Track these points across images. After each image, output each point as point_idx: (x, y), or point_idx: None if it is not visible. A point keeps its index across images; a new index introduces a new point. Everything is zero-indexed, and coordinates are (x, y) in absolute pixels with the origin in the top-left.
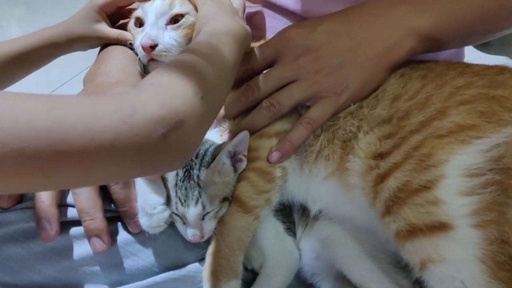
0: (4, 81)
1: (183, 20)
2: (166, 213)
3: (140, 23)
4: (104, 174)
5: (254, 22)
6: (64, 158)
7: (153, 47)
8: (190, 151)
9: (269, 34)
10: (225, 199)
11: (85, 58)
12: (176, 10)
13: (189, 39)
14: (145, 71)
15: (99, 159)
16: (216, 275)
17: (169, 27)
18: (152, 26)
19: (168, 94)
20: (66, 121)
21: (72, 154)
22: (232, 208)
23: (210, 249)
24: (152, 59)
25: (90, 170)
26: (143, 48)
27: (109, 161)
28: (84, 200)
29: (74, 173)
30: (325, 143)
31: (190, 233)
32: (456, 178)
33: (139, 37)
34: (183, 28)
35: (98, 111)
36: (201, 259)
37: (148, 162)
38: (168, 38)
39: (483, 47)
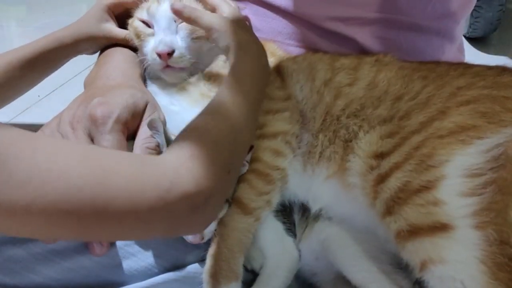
0: (20, 87)
1: None
2: None
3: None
4: (133, 235)
5: None
6: (103, 222)
7: (170, 54)
8: (213, 218)
9: (268, 34)
10: (225, 200)
11: (85, 58)
12: None
13: (196, 37)
14: (145, 73)
15: (133, 225)
16: (216, 277)
17: (179, 27)
18: (165, 31)
19: (204, 171)
20: (111, 192)
21: (110, 219)
22: (232, 210)
23: (210, 251)
24: (167, 66)
25: (122, 232)
26: (160, 55)
27: (141, 227)
28: None
29: (107, 234)
30: (327, 143)
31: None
32: (456, 178)
33: (150, 43)
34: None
35: (140, 185)
36: (201, 260)
37: (174, 229)
38: (181, 42)
39: (483, 46)
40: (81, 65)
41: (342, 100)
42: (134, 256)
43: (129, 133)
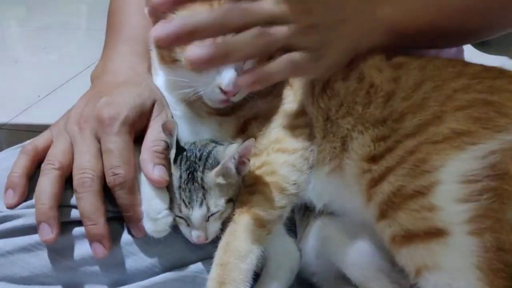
0: None
1: None
2: (171, 218)
3: None
4: None
5: None
6: None
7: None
8: None
9: None
10: (229, 200)
11: (85, 58)
12: None
13: None
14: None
15: None
16: (224, 287)
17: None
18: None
19: None
20: None
21: None
22: (246, 221)
23: (217, 260)
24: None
25: None
26: (226, 92)
27: None
28: (87, 204)
29: None
30: (327, 144)
31: (195, 235)
32: (452, 184)
33: (213, 76)
34: None
35: None
36: (202, 260)
37: None
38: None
39: (483, 46)
40: (81, 65)
41: (336, 99)
42: (135, 255)
43: (136, 133)
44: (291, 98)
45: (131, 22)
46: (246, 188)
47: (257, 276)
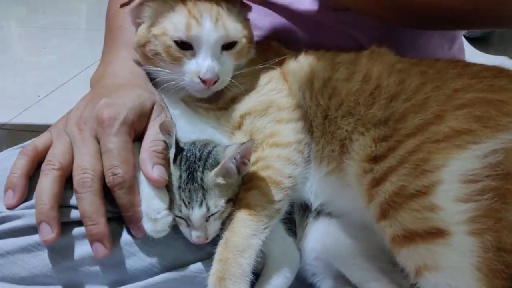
0: None
1: (237, 47)
2: (170, 218)
3: (185, 46)
4: None
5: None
6: None
7: (216, 81)
8: None
9: (269, 33)
10: (229, 200)
11: (85, 58)
12: (232, 35)
13: (238, 62)
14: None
15: None
16: (224, 282)
17: (224, 53)
18: (212, 57)
19: None
20: None
21: None
22: (243, 216)
23: (217, 256)
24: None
25: None
26: (205, 81)
27: None
28: (87, 204)
29: None
30: (325, 144)
31: (195, 235)
32: (453, 184)
33: (190, 65)
34: (236, 52)
35: None
36: (202, 260)
37: None
38: (225, 68)
39: (483, 46)
40: (81, 65)
41: (336, 98)
42: (135, 256)
43: (135, 134)
44: (286, 92)
45: (131, 26)
46: (243, 185)
47: (257, 276)
